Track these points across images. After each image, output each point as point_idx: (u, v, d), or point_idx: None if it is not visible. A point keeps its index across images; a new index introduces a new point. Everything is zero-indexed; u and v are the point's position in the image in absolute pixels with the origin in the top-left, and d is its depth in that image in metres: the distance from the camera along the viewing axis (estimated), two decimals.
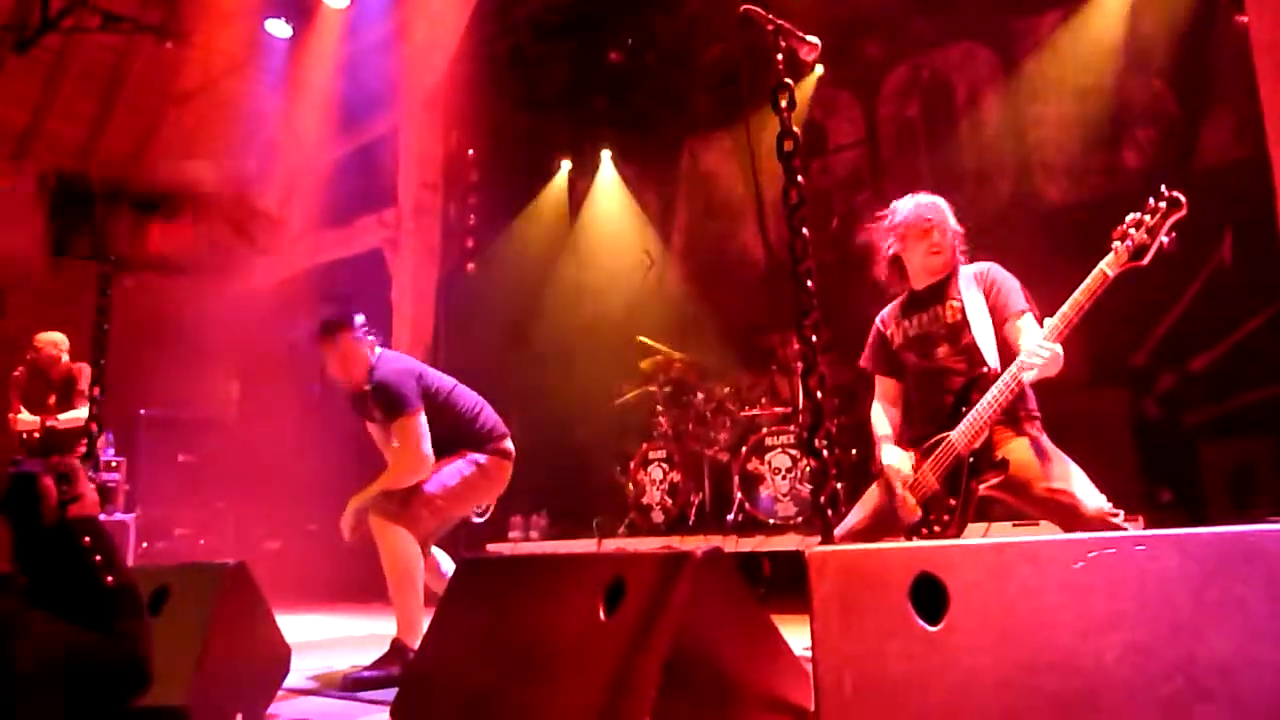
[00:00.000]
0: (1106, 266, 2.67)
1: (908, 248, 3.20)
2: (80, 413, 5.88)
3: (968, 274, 3.15)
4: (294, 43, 7.81)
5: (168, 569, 3.18)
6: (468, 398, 4.05)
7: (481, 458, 3.92)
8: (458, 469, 3.85)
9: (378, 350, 3.96)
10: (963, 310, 3.07)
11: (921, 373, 3.18)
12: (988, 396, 2.85)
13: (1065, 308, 2.70)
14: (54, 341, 6.19)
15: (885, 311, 3.35)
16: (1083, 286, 2.68)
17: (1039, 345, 2.71)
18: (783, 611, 2.20)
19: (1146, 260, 2.63)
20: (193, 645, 2.73)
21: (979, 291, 3.08)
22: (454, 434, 3.89)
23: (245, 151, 8.65)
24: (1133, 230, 2.65)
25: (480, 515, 4.17)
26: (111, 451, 6.79)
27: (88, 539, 1.50)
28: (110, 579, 1.51)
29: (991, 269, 3.13)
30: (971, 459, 2.87)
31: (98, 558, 1.50)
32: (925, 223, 3.15)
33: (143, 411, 7.93)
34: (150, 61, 8.01)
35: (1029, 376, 2.76)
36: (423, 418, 3.77)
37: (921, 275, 3.21)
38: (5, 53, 7.43)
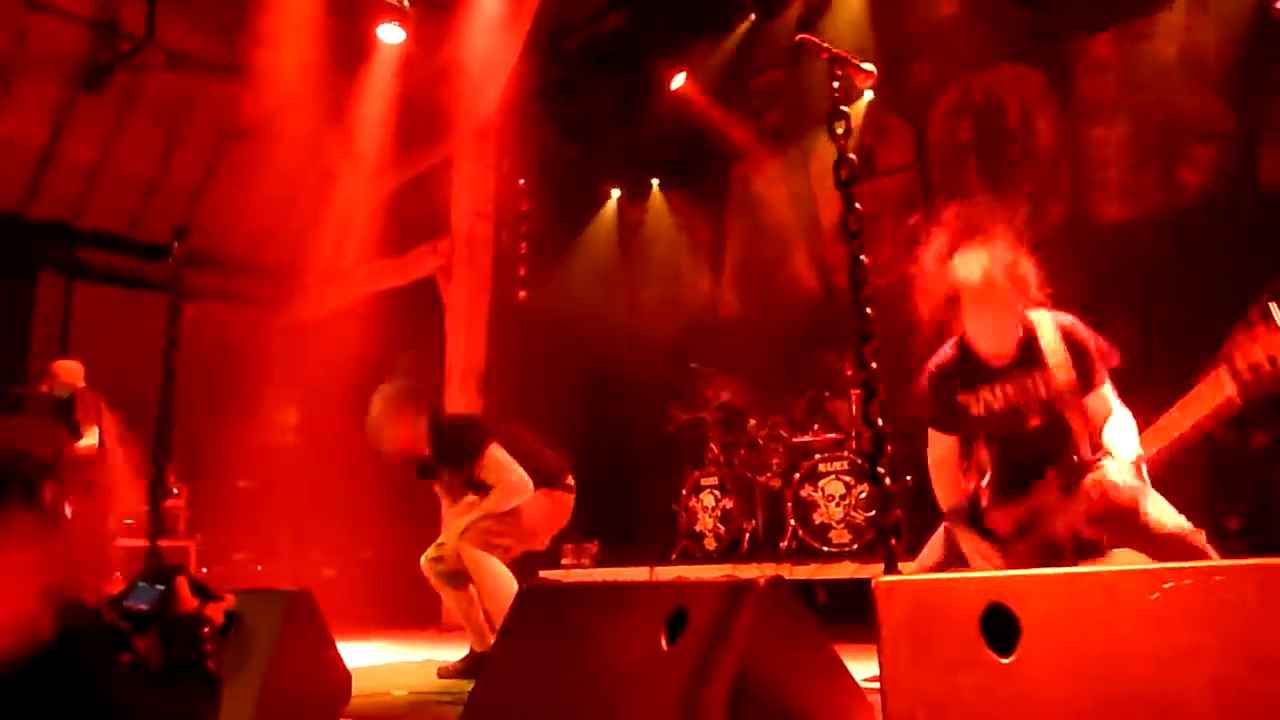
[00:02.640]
0: (1233, 395, 2.31)
1: (968, 313, 2.78)
2: (89, 439, 5.86)
3: (1049, 329, 2.76)
4: (350, 77, 8.00)
5: (233, 595, 3.23)
6: (528, 437, 4.15)
7: (555, 492, 4.04)
8: (538, 503, 3.95)
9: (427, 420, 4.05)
10: (1053, 378, 2.73)
11: (1004, 443, 2.88)
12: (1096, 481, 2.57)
13: (1165, 431, 2.47)
14: (70, 369, 6.24)
15: (946, 364, 2.93)
16: (1203, 415, 2.41)
17: (1122, 474, 2.48)
18: (839, 640, 2.17)
19: (1270, 383, 2.25)
20: (257, 671, 2.77)
21: (1061, 350, 2.73)
22: (529, 470, 3.96)
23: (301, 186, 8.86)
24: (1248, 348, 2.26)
25: (539, 548, 4.28)
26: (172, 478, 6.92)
27: (206, 629, 1.61)
28: (212, 665, 1.61)
29: (1074, 328, 2.77)
30: (1075, 550, 2.71)
31: (209, 646, 1.61)
32: (991, 290, 2.69)
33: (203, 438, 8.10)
34: (213, 98, 8.25)
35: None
36: (498, 447, 3.88)
37: (990, 344, 2.80)
38: (77, 92, 7.70)
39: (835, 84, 2.49)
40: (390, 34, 7.40)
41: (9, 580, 1.30)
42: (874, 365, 2.29)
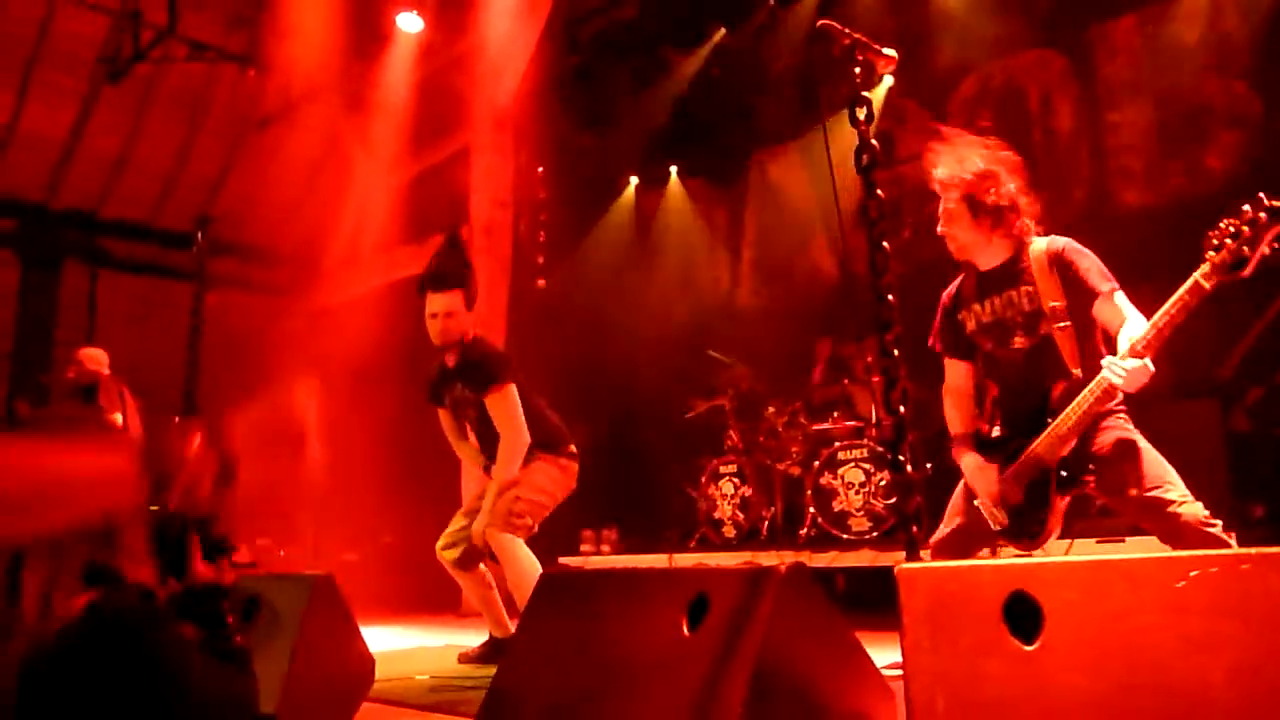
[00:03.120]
0: (1201, 278, 2.47)
1: (942, 215, 2.98)
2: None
3: (1039, 251, 2.89)
4: (369, 65, 8.01)
5: (257, 579, 3.27)
6: (538, 401, 4.11)
7: (560, 459, 4.02)
8: (545, 472, 3.95)
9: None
10: (1038, 295, 2.85)
11: (998, 362, 3.01)
12: (1074, 403, 2.72)
13: (1155, 318, 2.54)
14: (94, 356, 6.28)
15: (952, 288, 3.14)
16: (1174, 297, 2.51)
17: (1120, 361, 2.58)
18: (860, 628, 2.17)
19: (1248, 272, 2.44)
20: (281, 655, 2.80)
21: (1054, 272, 2.84)
22: (533, 431, 3.94)
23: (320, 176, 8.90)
24: (1229, 239, 2.45)
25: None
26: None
27: (227, 602, 1.60)
28: (239, 639, 1.61)
29: (1066, 246, 2.87)
30: (1059, 470, 2.78)
31: (230, 619, 1.60)
32: (951, 185, 2.92)
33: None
34: (233, 88, 8.29)
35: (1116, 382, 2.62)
36: (515, 389, 3.84)
37: (964, 249, 2.99)
38: (100, 84, 7.76)
39: (856, 69, 2.48)
40: (409, 23, 7.41)
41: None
42: (895, 353, 2.29)
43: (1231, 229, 2.47)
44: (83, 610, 1.32)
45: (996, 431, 3.05)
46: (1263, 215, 2.45)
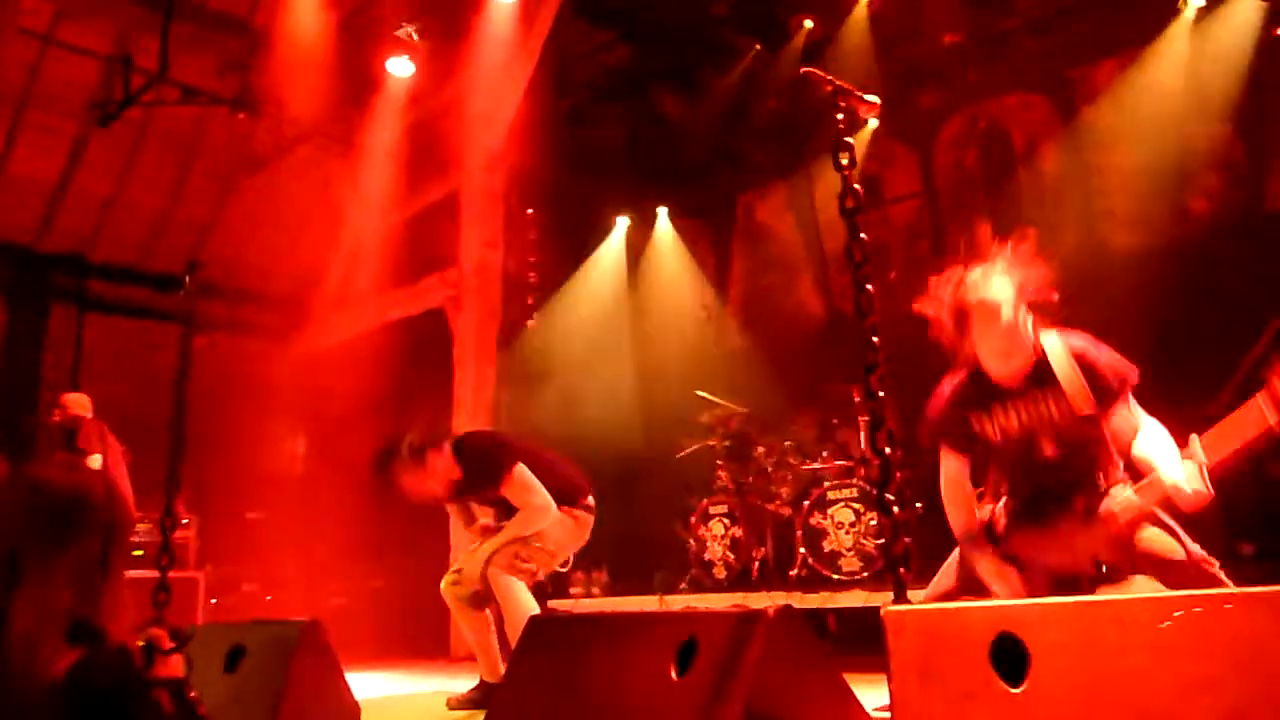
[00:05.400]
0: (1267, 409, 2.30)
1: (977, 334, 2.77)
2: (92, 465, 5.88)
3: (1060, 352, 2.75)
4: (360, 109, 8.08)
5: (243, 626, 3.24)
6: (551, 454, 4.16)
7: (575, 511, 4.03)
8: (560, 523, 3.95)
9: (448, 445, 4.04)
10: (1066, 405, 2.71)
11: (1023, 467, 2.84)
12: (1116, 511, 2.59)
13: (1216, 451, 2.40)
14: (78, 401, 6.27)
15: (958, 389, 2.93)
16: (1237, 436, 2.36)
17: (1198, 491, 2.42)
18: (850, 669, 2.16)
19: None
20: (268, 703, 2.77)
21: (1075, 375, 2.71)
22: (549, 490, 3.95)
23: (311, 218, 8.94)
24: None
25: (563, 567, 4.27)
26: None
27: (170, 708, 1.53)
28: (203, 711, 1.56)
29: (1086, 349, 2.76)
30: (1092, 577, 2.67)
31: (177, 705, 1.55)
32: (994, 309, 2.71)
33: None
34: (225, 131, 8.34)
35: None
36: (524, 466, 3.87)
37: (1000, 364, 2.80)
38: (90, 127, 7.80)
39: (839, 116, 2.51)
40: (400, 67, 7.49)
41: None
42: (880, 394, 2.30)
43: None
44: (66, 674, 1.30)
45: (1000, 521, 2.89)
46: None
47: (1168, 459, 2.52)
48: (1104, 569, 2.66)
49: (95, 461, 5.77)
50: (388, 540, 7.75)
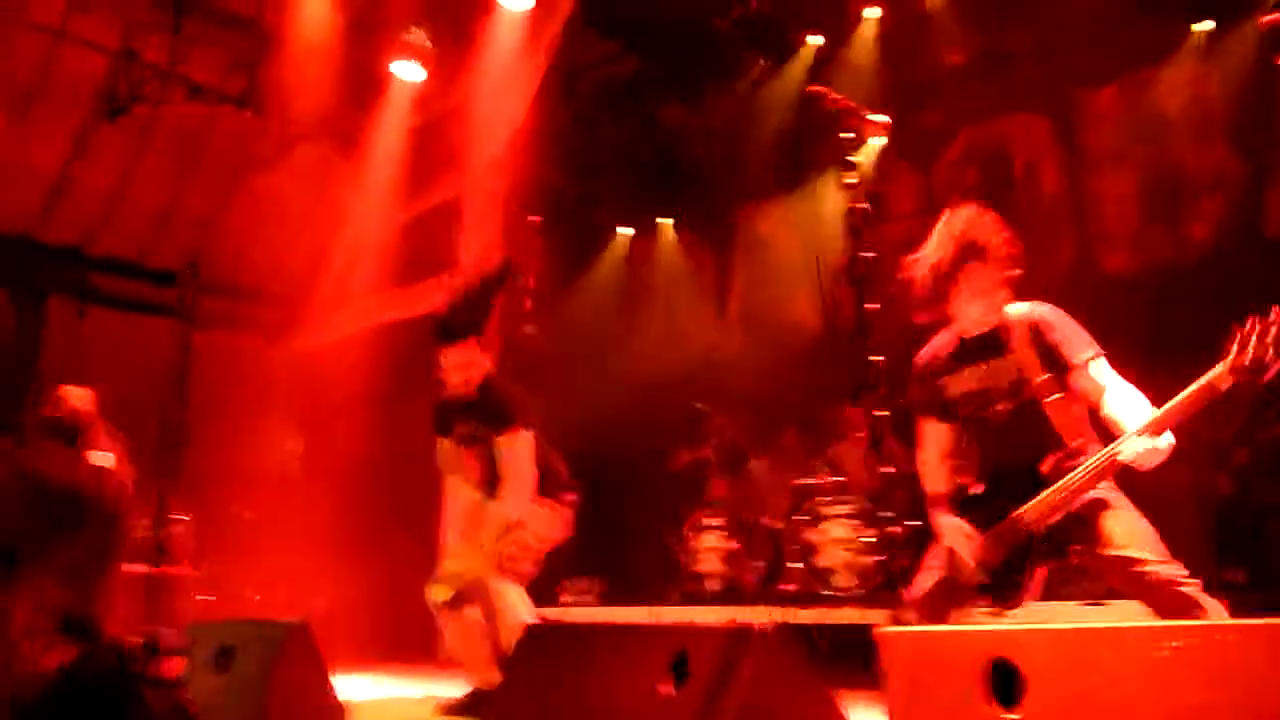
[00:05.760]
0: (1216, 379, 2.44)
1: (960, 281, 2.88)
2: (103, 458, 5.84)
3: (1019, 317, 2.89)
4: (365, 111, 8.09)
5: (231, 625, 3.23)
6: (543, 444, 4.06)
7: (557, 505, 3.99)
8: (548, 518, 3.90)
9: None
10: (1021, 365, 2.84)
11: (980, 427, 2.98)
12: (1070, 476, 2.69)
13: (1166, 408, 2.52)
14: (78, 394, 6.23)
15: (928, 353, 3.10)
16: (1187, 391, 2.50)
17: (1147, 443, 2.53)
18: (844, 686, 2.16)
19: (1268, 377, 2.38)
20: (254, 703, 2.76)
21: (1025, 339, 2.84)
22: (541, 475, 3.90)
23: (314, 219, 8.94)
24: (1253, 341, 2.38)
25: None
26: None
27: (164, 708, 1.52)
28: (194, 710, 1.55)
29: (1043, 316, 2.88)
30: (1042, 539, 2.74)
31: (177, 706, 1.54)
32: (994, 244, 2.86)
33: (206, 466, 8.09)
34: (230, 129, 8.34)
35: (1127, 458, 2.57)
36: (532, 436, 3.78)
37: (973, 317, 2.93)
38: (96, 121, 7.80)
39: (844, 135, 2.52)
40: (408, 71, 7.50)
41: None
42: (877, 412, 2.31)
43: (1257, 331, 2.41)
44: (59, 671, 1.30)
45: (979, 489, 3.01)
46: None
47: (1135, 415, 2.61)
48: (1050, 540, 2.72)
49: (109, 460, 5.74)
50: (379, 542, 7.74)
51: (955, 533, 2.89)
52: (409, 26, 7.20)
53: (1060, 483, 2.72)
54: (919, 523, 5.41)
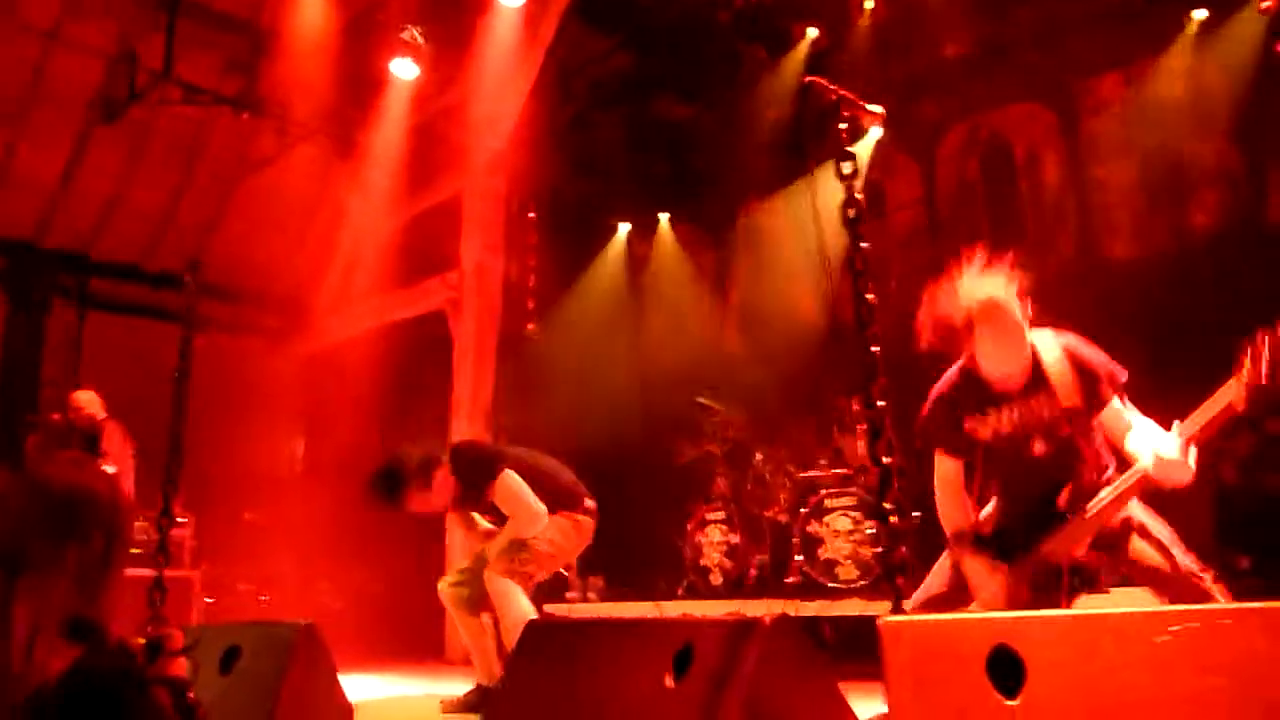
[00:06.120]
0: (1235, 401, 2.38)
1: (979, 333, 2.78)
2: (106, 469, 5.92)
3: (1053, 350, 2.79)
4: (363, 111, 8.08)
5: (239, 627, 3.24)
6: (549, 461, 4.19)
7: (575, 515, 4.04)
8: (559, 526, 3.97)
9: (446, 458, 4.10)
10: (1056, 399, 2.75)
11: (1009, 465, 2.88)
12: (1094, 503, 2.63)
13: (1192, 432, 2.47)
14: (90, 400, 6.29)
15: (950, 392, 2.95)
16: (1208, 418, 2.45)
17: (1178, 461, 2.47)
18: (847, 678, 2.16)
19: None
20: (263, 704, 2.76)
21: (1067, 372, 2.75)
22: (545, 496, 3.98)
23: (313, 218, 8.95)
24: (1265, 356, 2.34)
25: (565, 570, 4.31)
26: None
27: (170, 708, 1.52)
28: (202, 713, 1.56)
29: (1078, 347, 2.80)
30: (1071, 574, 2.66)
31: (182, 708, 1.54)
32: (1005, 309, 2.72)
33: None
34: (228, 131, 8.34)
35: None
36: (512, 473, 3.90)
37: (1002, 367, 2.80)
38: (93, 125, 7.80)
39: (843, 125, 2.52)
40: (404, 69, 7.49)
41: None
42: (880, 404, 2.30)
43: (1269, 344, 2.35)
44: (65, 671, 1.30)
45: (989, 524, 2.94)
46: None
47: (1157, 448, 2.55)
48: (1078, 569, 2.67)
49: (109, 467, 5.78)
50: (383, 543, 7.75)
51: (984, 576, 2.77)
52: (405, 25, 7.18)
53: (1087, 513, 2.65)
54: (918, 515, 5.42)
